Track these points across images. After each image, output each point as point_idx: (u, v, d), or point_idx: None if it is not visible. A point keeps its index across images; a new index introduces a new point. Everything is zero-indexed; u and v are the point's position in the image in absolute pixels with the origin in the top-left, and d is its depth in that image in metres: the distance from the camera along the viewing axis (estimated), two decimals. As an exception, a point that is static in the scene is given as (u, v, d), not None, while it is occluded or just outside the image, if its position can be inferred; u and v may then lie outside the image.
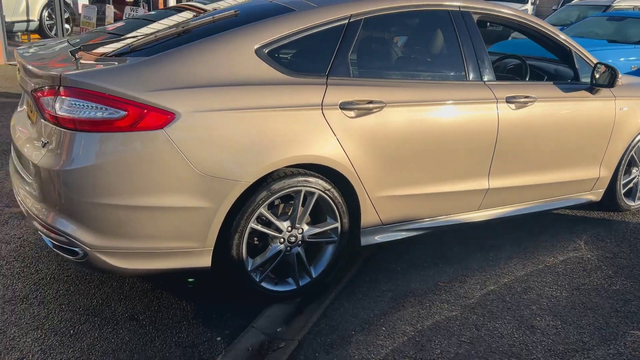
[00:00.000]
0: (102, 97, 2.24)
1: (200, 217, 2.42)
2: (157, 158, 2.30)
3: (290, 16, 2.67)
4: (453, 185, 3.14)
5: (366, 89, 2.75)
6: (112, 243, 2.35)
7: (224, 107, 2.39)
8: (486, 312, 2.77)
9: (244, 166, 2.44)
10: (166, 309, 2.65)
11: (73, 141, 2.27)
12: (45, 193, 2.36)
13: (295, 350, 2.42)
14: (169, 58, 2.41)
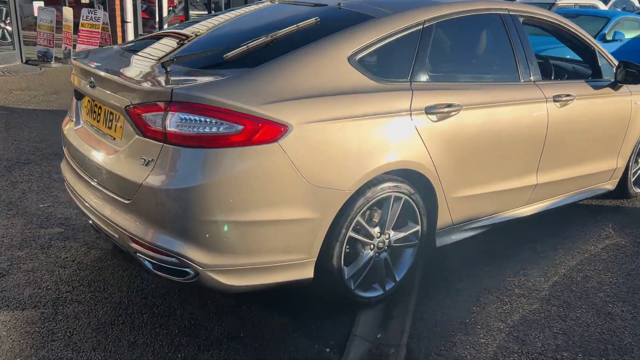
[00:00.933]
0: (219, 112, 2.17)
1: (308, 229, 2.40)
2: (271, 172, 2.25)
3: (373, 23, 2.67)
4: (511, 182, 3.25)
5: (444, 92, 2.80)
6: (224, 261, 2.29)
7: (328, 117, 2.37)
8: (562, 303, 2.90)
9: (347, 175, 2.43)
10: (262, 325, 2.59)
11: (187, 158, 2.19)
12: (153, 213, 2.25)
13: (408, 355, 2.44)
14: (273, 69, 2.36)
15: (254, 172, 2.22)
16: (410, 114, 2.63)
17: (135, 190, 2.27)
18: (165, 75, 2.34)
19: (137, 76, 2.43)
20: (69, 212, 3.64)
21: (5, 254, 3.07)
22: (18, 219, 3.51)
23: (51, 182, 4.18)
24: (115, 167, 2.38)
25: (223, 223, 2.23)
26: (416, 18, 2.79)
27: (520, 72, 3.24)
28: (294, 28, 2.60)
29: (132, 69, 2.57)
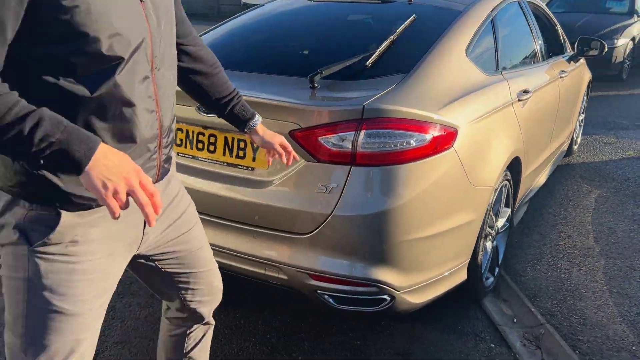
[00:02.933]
0: (407, 124, 2.02)
1: (470, 231, 2.37)
2: (449, 178, 2.17)
3: (465, 17, 2.67)
4: (545, 153, 3.54)
5: (519, 79, 2.93)
6: (415, 280, 2.16)
7: (477, 116, 2.35)
8: (617, 255, 3.26)
9: (492, 171, 2.45)
10: (422, 339, 2.50)
11: (381, 178, 2.01)
12: (344, 243, 2.03)
13: (557, 332, 2.57)
14: (427, 73, 2.25)
15: (439, 182, 2.12)
16: (512, 103, 2.71)
17: (319, 222, 2.02)
18: (314, 89, 2.10)
19: (289, 95, 2.12)
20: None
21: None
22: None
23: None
24: (278, 201, 2.07)
25: (417, 241, 2.10)
26: (486, 9, 2.85)
27: (541, 54, 3.51)
28: (403, 28, 2.49)
29: (268, 87, 2.23)
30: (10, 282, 1.20)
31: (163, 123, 1.27)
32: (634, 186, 4.36)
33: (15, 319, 1.21)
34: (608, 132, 5.97)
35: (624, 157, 5.10)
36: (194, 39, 1.48)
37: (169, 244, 1.45)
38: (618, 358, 2.40)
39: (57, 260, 1.16)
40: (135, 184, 1.05)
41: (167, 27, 1.26)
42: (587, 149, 5.34)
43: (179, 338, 1.68)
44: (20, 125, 0.96)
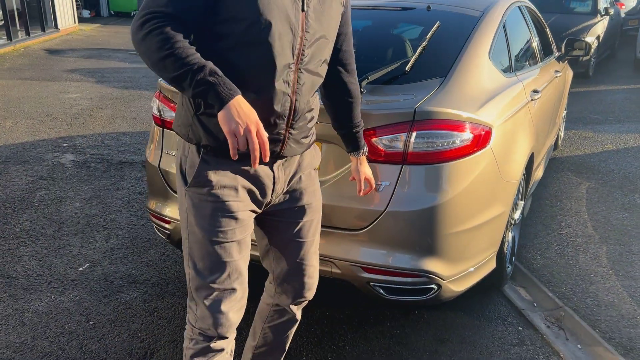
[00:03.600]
0: (453, 124, 2.18)
1: (501, 222, 2.55)
2: (486, 174, 2.34)
3: (483, 22, 2.84)
4: (546, 147, 3.77)
5: (529, 80, 3.14)
6: (458, 269, 2.33)
7: (506, 115, 2.53)
8: (618, 241, 3.52)
9: (517, 166, 2.64)
10: (456, 325, 2.67)
11: (431, 176, 2.16)
12: (397, 237, 2.18)
13: (576, 313, 2.78)
14: (462, 76, 2.42)
15: (479, 178, 2.29)
16: (527, 103, 2.91)
17: (373, 218, 2.16)
18: (368, 95, 2.25)
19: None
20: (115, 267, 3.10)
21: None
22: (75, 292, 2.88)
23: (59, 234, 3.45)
24: (332, 199, 2.20)
25: (460, 233, 2.26)
26: (499, 14, 3.04)
27: (540, 55, 3.74)
28: (431, 34, 2.64)
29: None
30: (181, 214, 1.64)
31: (296, 107, 1.56)
32: (619, 177, 4.66)
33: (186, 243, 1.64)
34: (585, 126, 6.31)
35: (604, 150, 5.42)
36: (350, 66, 1.80)
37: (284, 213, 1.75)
38: (635, 334, 2.62)
39: (203, 200, 1.55)
40: (253, 131, 1.36)
41: (322, 41, 1.57)
42: (569, 143, 5.65)
43: (265, 307, 1.98)
44: (192, 65, 1.33)
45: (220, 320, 1.62)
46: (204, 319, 1.63)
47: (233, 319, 1.65)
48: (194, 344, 1.68)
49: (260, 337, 2.02)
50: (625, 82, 9.02)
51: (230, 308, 1.63)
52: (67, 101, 6.95)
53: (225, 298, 1.62)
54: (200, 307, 1.64)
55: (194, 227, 1.59)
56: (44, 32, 13.01)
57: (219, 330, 1.63)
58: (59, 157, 4.86)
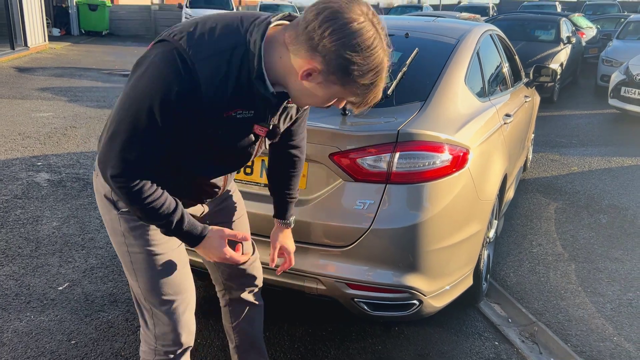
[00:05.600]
0: (433, 146, 2.28)
1: (478, 239, 2.65)
2: (465, 193, 2.45)
3: (459, 49, 2.98)
4: (516, 169, 3.92)
5: (502, 104, 3.29)
6: (438, 285, 2.41)
7: (482, 138, 2.65)
8: (585, 260, 3.67)
9: (492, 186, 2.75)
10: (437, 342, 2.74)
11: (413, 194, 2.25)
12: (381, 254, 2.25)
13: (549, 328, 2.89)
14: (441, 100, 2.53)
15: (458, 197, 2.39)
16: (500, 126, 3.05)
17: (358, 236, 2.24)
18: (352, 118, 2.34)
19: (327, 122, 2.32)
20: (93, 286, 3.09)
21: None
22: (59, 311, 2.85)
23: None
24: (317, 218, 2.27)
25: (441, 250, 2.35)
26: (473, 41, 3.19)
27: (511, 80, 3.91)
28: (411, 60, 2.76)
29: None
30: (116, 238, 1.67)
31: (225, 187, 1.77)
32: (585, 198, 4.85)
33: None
34: (552, 149, 6.55)
35: (570, 172, 5.64)
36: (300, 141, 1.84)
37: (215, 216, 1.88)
38: (603, 347, 2.74)
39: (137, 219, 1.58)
40: (225, 257, 1.60)
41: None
42: (537, 165, 5.86)
43: (224, 310, 2.11)
44: (168, 223, 1.49)
45: (181, 330, 1.69)
46: (165, 334, 1.68)
47: (191, 325, 1.73)
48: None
49: (235, 337, 2.13)
50: (587, 108, 9.39)
51: (187, 313, 1.70)
52: (39, 120, 6.87)
53: (181, 306, 1.68)
54: (159, 324, 1.68)
55: (135, 248, 1.62)
56: (13, 49, 12.85)
57: (182, 340, 1.70)
58: (34, 176, 4.81)
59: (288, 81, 1.36)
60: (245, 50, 1.33)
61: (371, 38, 1.22)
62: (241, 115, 1.40)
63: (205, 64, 1.30)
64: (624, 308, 3.10)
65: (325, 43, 1.22)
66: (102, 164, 1.39)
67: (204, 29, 1.34)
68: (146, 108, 1.31)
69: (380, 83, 1.30)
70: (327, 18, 1.22)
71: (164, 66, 1.30)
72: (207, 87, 1.31)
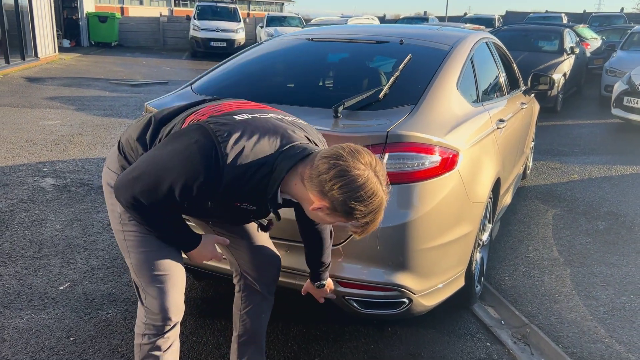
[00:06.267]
0: (423, 147, 2.34)
1: (469, 240, 2.70)
2: (454, 194, 2.50)
3: (452, 55, 3.05)
4: (512, 175, 3.97)
5: (496, 110, 3.34)
6: (428, 284, 2.46)
7: (472, 141, 2.71)
8: (579, 265, 3.70)
9: (483, 189, 2.80)
10: (429, 342, 2.78)
11: (403, 194, 2.31)
12: (372, 253, 2.30)
13: (542, 330, 2.92)
14: (431, 104, 2.59)
15: (447, 198, 2.44)
16: (493, 131, 3.10)
17: (348, 234, 2.29)
18: (344, 120, 2.40)
19: (318, 123, 2.39)
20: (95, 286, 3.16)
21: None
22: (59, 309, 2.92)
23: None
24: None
25: (430, 249, 2.40)
26: (467, 48, 3.26)
27: (507, 87, 3.97)
28: (404, 66, 2.83)
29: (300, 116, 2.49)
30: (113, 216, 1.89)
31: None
32: (583, 205, 4.88)
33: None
34: (553, 158, 6.58)
35: (570, 180, 5.67)
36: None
37: None
38: (594, 348, 2.77)
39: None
40: (208, 260, 1.90)
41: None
42: (537, 173, 5.89)
43: (237, 296, 2.25)
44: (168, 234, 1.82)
45: (168, 305, 1.81)
46: (154, 310, 1.81)
47: (179, 302, 1.86)
48: (147, 339, 1.85)
49: (240, 325, 2.22)
50: (590, 117, 9.42)
51: (174, 291, 1.83)
52: (46, 127, 7.00)
53: (169, 283, 1.81)
54: (148, 299, 1.82)
55: (129, 227, 1.81)
56: (24, 60, 13.07)
57: (169, 315, 1.81)
58: (39, 181, 4.91)
59: (302, 202, 1.64)
60: (270, 171, 1.59)
61: (372, 188, 1.49)
62: (246, 207, 1.69)
63: (234, 171, 1.55)
64: (617, 311, 3.12)
65: (334, 194, 1.49)
66: (118, 191, 1.67)
67: (246, 138, 1.58)
68: (170, 180, 1.56)
69: (378, 217, 1.57)
70: (336, 175, 1.48)
71: (200, 157, 1.53)
72: (227, 186, 1.57)
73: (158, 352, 1.85)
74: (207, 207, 1.69)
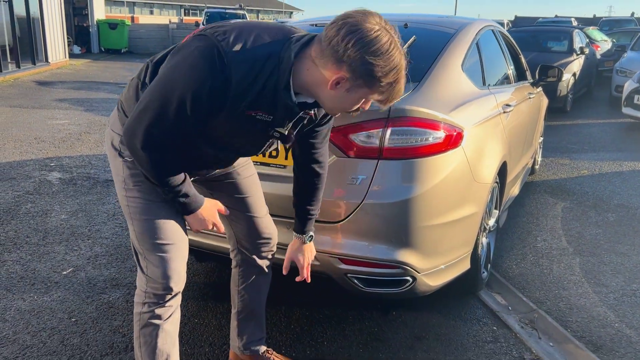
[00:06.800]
0: (426, 122, 2.30)
1: (474, 222, 2.65)
2: (458, 172, 2.46)
3: (457, 37, 3.02)
4: (520, 164, 3.92)
5: (502, 95, 3.30)
6: (433, 263, 2.42)
7: (477, 120, 2.67)
8: (589, 254, 3.63)
9: (489, 170, 2.76)
10: (434, 325, 2.73)
11: (405, 170, 2.27)
12: (374, 229, 2.27)
13: (550, 315, 2.86)
14: (436, 82, 2.56)
15: (451, 175, 2.40)
16: (499, 114, 3.06)
17: (350, 210, 2.26)
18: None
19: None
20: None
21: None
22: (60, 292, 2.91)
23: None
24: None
25: (434, 227, 2.36)
26: (472, 32, 3.23)
27: (513, 76, 3.93)
28: (408, 45, 2.80)
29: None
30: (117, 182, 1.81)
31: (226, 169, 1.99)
32: (593, 198, 4.81)
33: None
34: (562, 154, 6.51)
35: (579, 175, 5.60)
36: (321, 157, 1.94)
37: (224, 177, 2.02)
38: (604, 333, 2.70)
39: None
40: (208, 227, 1.78)
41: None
42: (546, 169, 5.82)
43: (234, 272, 2.18)
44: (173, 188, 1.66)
45: (170, 274, 1.76)
46: (155, 278, 1.76)
47: (181, 271, 1.80)
48: (147, 307, 1.80)
49: (239, 301, 2.18)
50: (601, 117, 9.33)
51: (177, 260, 1.78)
52: (55, 126, 7.04)
53: (171, 252, 1.76)
54: (150, 267, 1.77)
55: (133, 192, 1.74)
56: (35, 65, 13.19)
57: (171, 284, 1.77)
58: (46, 175, 4.92)
59: (318, 91, 1.51)
60: (278, 62, 1.48)
61: (387, 42, 1.39)
62: (261, 117, 1.56)
63: (240, 67, 1.45)
64: (627, 298, 3.06)
65: (350, 53, 1.38)
66: (129, 133, 1.54)
67: (245, 35, 1.49)
68: (178, 95, 1.45)
69: (401, 79, 1.46)
70: (348, 32, 1.39)
71: (203, 61, 1.43)
72: (236, 86, 1.46)
73: (158, 321, 1.81)
74: (222, 127, 1.58)
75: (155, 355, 1.82)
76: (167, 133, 1.53)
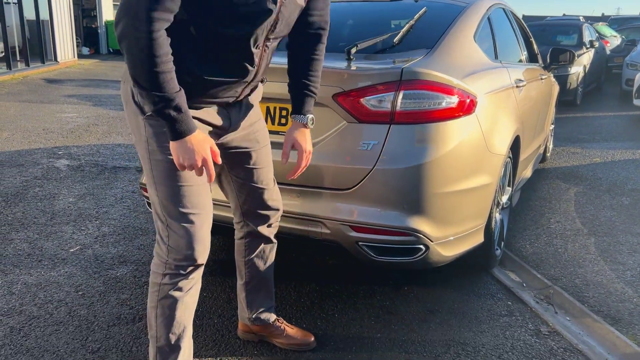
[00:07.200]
0: (439, 87, 2.25)
1: (488, 193, 2.60)
2: (472, 140, 2.40)
3: (469, 10, 2.97)
4: (533, 144, 3.86)
5: (515, 70, 3.25)
6: (446, 232, 2.36)
7: (491, 89, 2.62)
8: (605, 234, 3.56)
9: (503, 141, 2.71)
10: (446, 299, 2.67)
11: (418, 135, 2.22)
12: (385, 195, 2.22)
13: (564, 290, 2.80)
14: (447, 49, 2.52)
15: (464, 142, 2.35)
16: (512, 87, 3.01)
17: (362, 177, 2.21)
18: (358, 61, 2.33)
19: (332, 63, 2.33)
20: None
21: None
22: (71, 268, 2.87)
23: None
24: (322, 160, 2.25)
25: (447, 194, 2.31)
26: (484, 7, 3.17)
27: (525, 56, 3.87)
28: (419, 16, 2.75)
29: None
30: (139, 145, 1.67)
31: (260, 65, 1.70)
32: (607, 183, 4.74)
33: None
34: (573, 144, 6.43)
35: (591, 162, 5.52)
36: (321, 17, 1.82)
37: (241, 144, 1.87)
38: (622, 307, 2.64)
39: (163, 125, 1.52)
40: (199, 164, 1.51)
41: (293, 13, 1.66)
42: (558, 157, 5.75)
43: (239, 243, 2.10)
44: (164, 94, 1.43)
45: (195, 245, 1.66)
46: (179, 248, 1.66)
47: (206, 242, 1.70)
48: (168, 279, 1.70)
49: (246, 272, 2.10)
50: (611, 110, 9.23)
51: (203, 230, 1.68)
52: (63, 119, 7.04)
53: (198, 221, 1.65)
54: (173, 236, 1.65)
55: (157, 154, 1.61)
56: (44, 63, 13.25)
57: (195, 255, 1.67)
58: (54, 162, 4.91)
59: None
60: None
61: None
62: None
63: None
64: (645, 275, 2.99)
65: None
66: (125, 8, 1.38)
67: None
68: None
69: None
70: None
71: None
72: None
73: (179, 293, 1.71)
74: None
75: (173, 326, 1.74)
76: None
